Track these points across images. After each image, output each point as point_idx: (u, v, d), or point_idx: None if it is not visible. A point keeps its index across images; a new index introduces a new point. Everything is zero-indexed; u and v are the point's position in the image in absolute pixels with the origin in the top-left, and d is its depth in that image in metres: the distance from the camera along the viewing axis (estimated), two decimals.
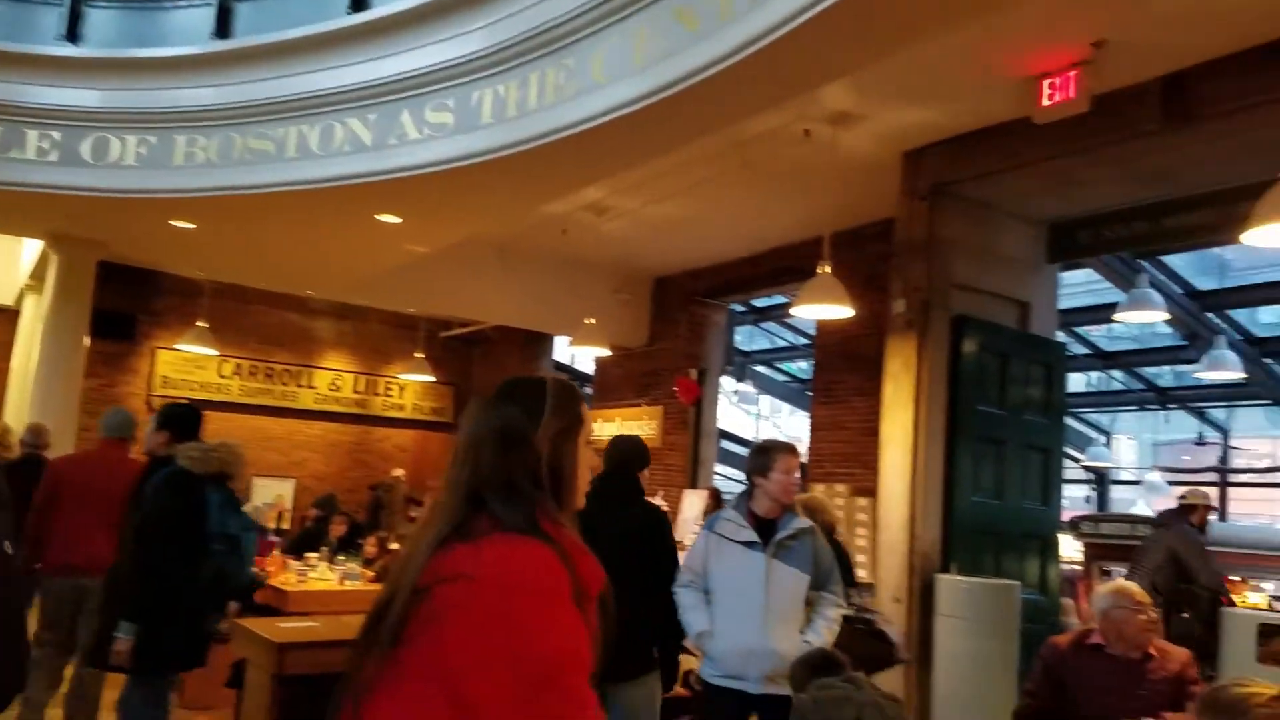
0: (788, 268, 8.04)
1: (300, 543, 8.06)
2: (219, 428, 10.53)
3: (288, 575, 6.62)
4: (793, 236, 7.93)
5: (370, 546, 7.49)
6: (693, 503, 8.70)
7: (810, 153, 5.80)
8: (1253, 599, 6.53)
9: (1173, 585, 5.86)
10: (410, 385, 12.01)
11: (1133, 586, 3.49)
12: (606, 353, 8.99)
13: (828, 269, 5.50)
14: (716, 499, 7.82)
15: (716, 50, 4.05)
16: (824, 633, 3.43)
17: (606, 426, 10.19)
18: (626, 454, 3.87)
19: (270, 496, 10.60)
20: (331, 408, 11.68)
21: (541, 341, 11.79)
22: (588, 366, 11.90)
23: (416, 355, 10.98)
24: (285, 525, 10.08)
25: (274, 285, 9.94)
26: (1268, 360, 9.47)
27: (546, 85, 4.93)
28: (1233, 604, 5.97)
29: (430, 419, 12.11)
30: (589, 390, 11.41)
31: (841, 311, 5.63)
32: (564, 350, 12.24)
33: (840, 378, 7.66)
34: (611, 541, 3.65)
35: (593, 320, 8.04)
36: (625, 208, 7.46)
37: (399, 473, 10.76)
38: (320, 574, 6.74)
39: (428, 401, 12.22)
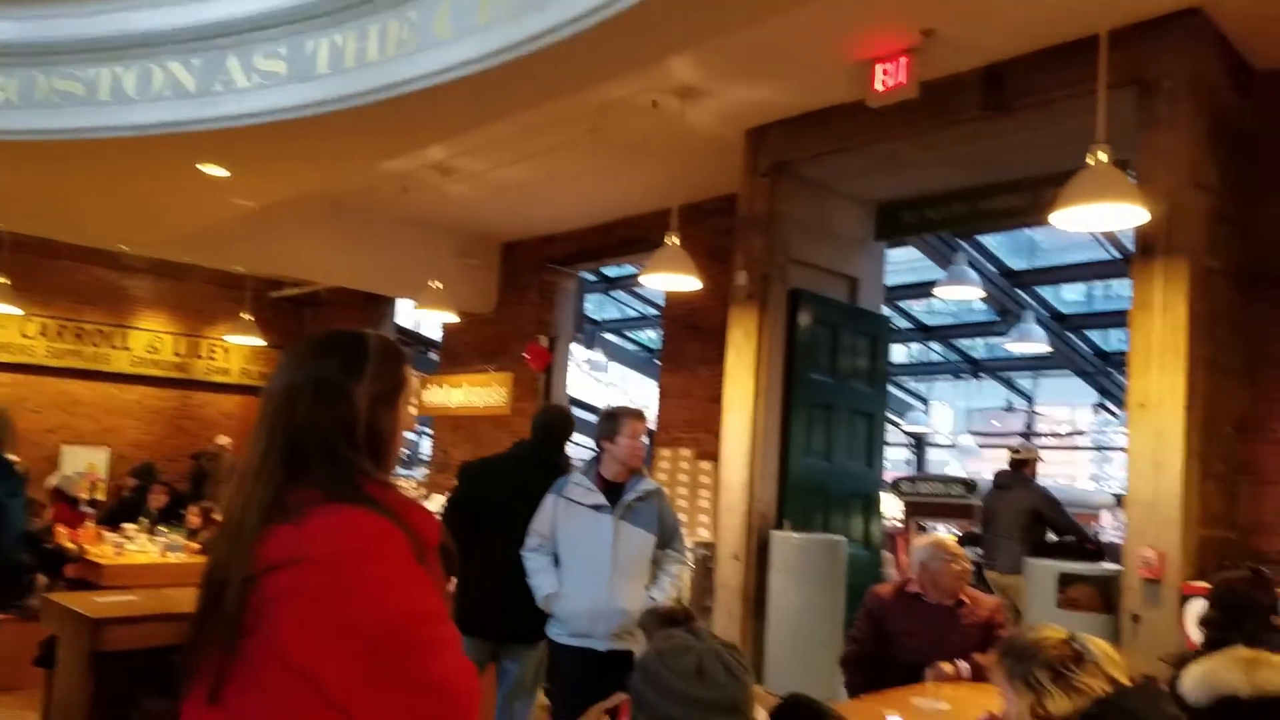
0: (637, 238, 8.12)
1: (116, 514, 7.64)
2: (22, 392, 9.74)
3: (104, 548, 6.24)
4: (642, 207, 8.00)
5: (194, 517, 7.15)
6: None
7: (658, 124, 5.86)
8: None
9: (1040, 541, 6.04)
10: (236, 348, 11.42)
11: (947, 539, 3.79)
12: (454, 318, 8.82)
13: (675, 240, 5.58)
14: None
15: (565, 13, 4.00)
16: (668, 588, 3.56)
17: (454, 393, 10.05)
18: (555, 424, 4.01)
19: (82, 465, 9.89)
20: (149, 371, 10.96)
21: (382, 304, 11.43)
22: (434, 332, 11.65)
23: (243, 316, 10.38)
24: (100, 496, 9.42)
25: (84, 239, 9.15)
26: (1069, 334, 10.36)
27: (387, 38, 4.75)
28: (1101, 548, 6.08)
29: (258, 384, 11.54)
30: (435, 356, 11.19)
31: (688, 283, 5.73)
32: (409, 314, 11.93)
33: (686, 347, 7.85)
34: (534, 510, 3.67)
35: (438, 284, 7.86)
36: (471, 169, 7.30)
37: (224, 440, 10.24)
38: (140, 546, 6.41)
39: (255, 365, 11.66)
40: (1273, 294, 4.82)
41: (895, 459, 13.40)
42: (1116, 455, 12.75)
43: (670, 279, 5.84)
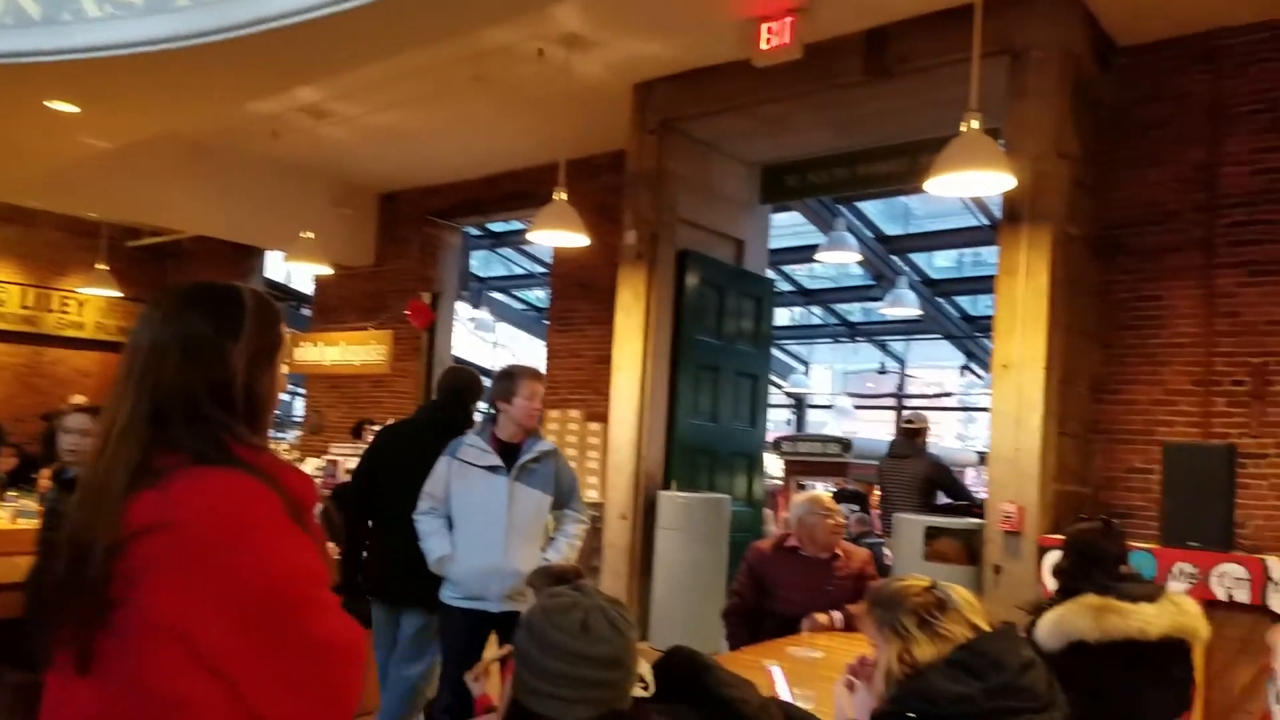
0: (523, 192, 7.96)
1: None
2: None
3: None
4: (528, 160, 7.83)
5: (46, 480, 6.69)
6: None
7: (544, 74, 5.73)
8: None
9: (932, 505, 6.10)
10: (91, 301, 10.71)
11: (824, 495, 3.89)
12: (328, 271, 8.47)
13: (563, 196, 5.49)
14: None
15: None
16: (565, 549, 3.54)
17: (329, 351, 9.71)
18: (462, 387, 3.92)
19: None
20: None
21: (251, 256, 10.90)
22: (306, 285, 11.20)
23: (98, 267, 9.69)
24: None
25: None
26: (940, 299, 10.79)
27: None
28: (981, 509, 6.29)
29: (115, 339, 10.84)
30: (307, 311, 10.77)
31: (577, 240, 5.66)
32: (278, 267, 11.43)
33: (576, 306, 7.78)
34: None
35: (310, 234, 7.51)
36: (347, 113, 6.99)
37: (79, 399, 9.60)
38: None
39: (112, 320, 10.97)
40: (1125, 261, 5.12)
41: (777, 419, 13.74)
42: (981, 416, 13.42)
43: (558, 235, 5.76)
